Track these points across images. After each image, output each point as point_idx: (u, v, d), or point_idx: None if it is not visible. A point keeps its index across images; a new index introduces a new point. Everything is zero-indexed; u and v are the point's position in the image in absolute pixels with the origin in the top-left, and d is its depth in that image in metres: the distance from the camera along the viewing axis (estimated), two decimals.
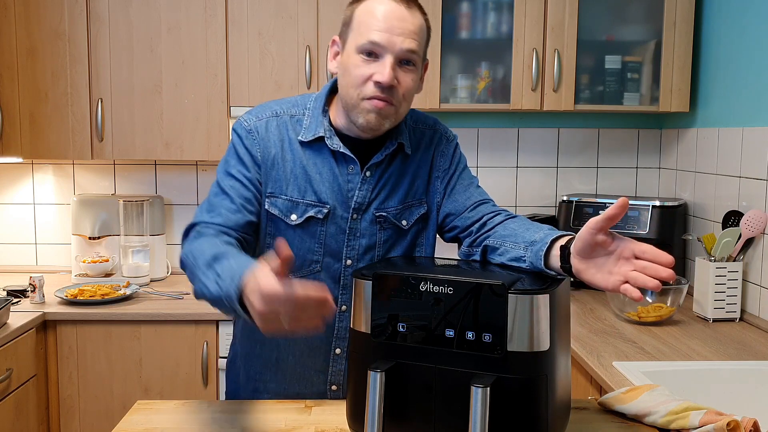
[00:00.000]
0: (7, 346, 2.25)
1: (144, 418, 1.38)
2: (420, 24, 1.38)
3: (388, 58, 1.34)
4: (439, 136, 1.56)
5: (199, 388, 2.57)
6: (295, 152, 1.46)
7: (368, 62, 1.36)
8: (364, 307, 1.22)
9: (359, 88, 1.37)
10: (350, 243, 1.48)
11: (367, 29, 1.35)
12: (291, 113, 1.48)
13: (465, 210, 1.50)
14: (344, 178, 1.46)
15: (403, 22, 1.35)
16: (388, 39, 1.34)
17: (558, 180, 3.15)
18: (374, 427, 1.15)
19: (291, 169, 1.45)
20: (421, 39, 1.39)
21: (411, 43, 1.35)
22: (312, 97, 1.51)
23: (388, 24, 1.34)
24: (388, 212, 1.49)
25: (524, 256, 1.30)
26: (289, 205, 1.46)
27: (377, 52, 1.35)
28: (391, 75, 1.34)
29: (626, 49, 2.84)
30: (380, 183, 1.48)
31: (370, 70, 1.35)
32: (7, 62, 2.71)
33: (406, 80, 1.38)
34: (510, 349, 1.12)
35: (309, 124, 1.46)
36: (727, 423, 1.27)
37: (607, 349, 2.04)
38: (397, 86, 1.37)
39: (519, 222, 1.41)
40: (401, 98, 1.39)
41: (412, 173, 1.51)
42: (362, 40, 1.35)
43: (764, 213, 2.30)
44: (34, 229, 3.12)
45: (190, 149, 2.77)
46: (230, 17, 2.72)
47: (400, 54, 1.35)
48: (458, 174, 1.55)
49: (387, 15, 1.34)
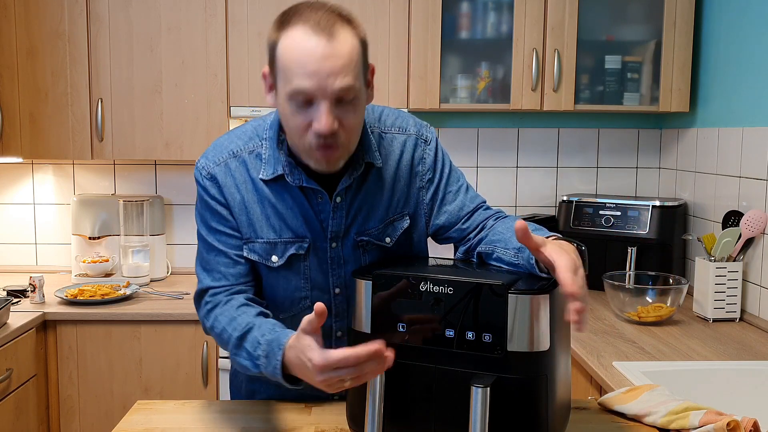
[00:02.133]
0: (7, 346, 2.25)
1: (144, 418, 1.38)
2: (350, 50, 1.20)
3: (323, 104, 1.20)
4: (414, 140, 1.43)
5: (199, 388, 2.57)
6: (260, 192, 1.37)
7: (303, 109, 1.22)
8: (364, 307, 1.22)
9: (301, 137, 1.24)
10: (335, 272, 1.41)
11: (293, 75, 1.19)
12: (249, 149, 1.38)
13: (459, 221, 1.44)
14: (315, 209, 1.37)
15: (330, 60, 1.18)
16: (318, 84, 1.18)
17: (558, 180, 3.15)
18: (374, 427, 1.15)
19: (261, 210, 1.37)
20: (355, 66, 1.22)
21: (344, 80, 1.19)
22: (267, 124, 1.39)
23: (314, 67, 1.17)
24: (370, 234, 1.40)
25: (517, 262, 1.28)
26: (267, 247, 1.38)
27: (309, 99, 1.20)
28: (330, 121, 1.20)
29: (626, 49, 2.84)
30: (354, 206, 1.38)
31: (307, 118, 1.22)
32: (7, 62, 2.71)
33: (349, 117, 1.23)
34: (510, 349, 1.12)
35: (268, 157, 1.36)
36: (727, 423, 1.27)
37: (607, 349, 2.04)
38: (340, 129, 1.23)
39: (505, 224, 1.36)
40: (347, 138, 1.26)
41: (389, 187, 1.40)
42: (290, 88, 1.20)
43: (764, 213, 2.30)
44: (34, 229, 3.12)
45: (190, 149, 2.77)
46: (230, 17, 2.72)
47: (334, 95, 1.19)
48: (445, 181, 1.45)
49: (309, 56, 1.18)
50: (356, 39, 1.23)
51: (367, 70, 1.30)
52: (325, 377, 1.09)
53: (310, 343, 1.11)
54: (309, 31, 1.19)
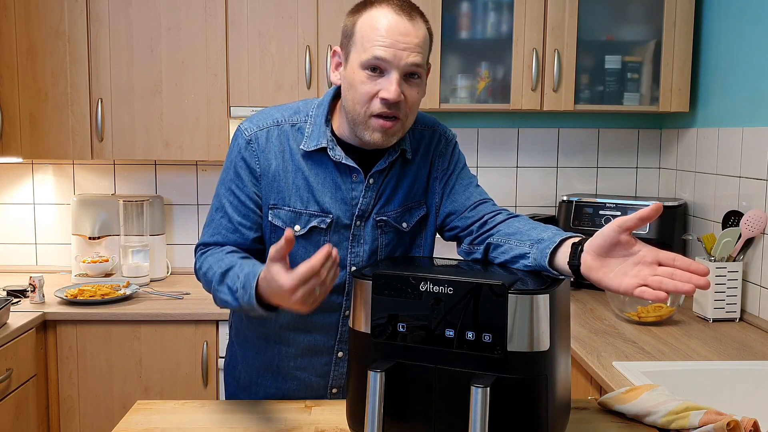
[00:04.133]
0: (7, 346, 2.25)
1: (144, 418, 1.38)
2: (423, 35, 1.35)
3: (394, 74, 1.32)
4: (438, 136, 1.55)
5: (199, 388, 2.57)
6: (296, 163, 1.44)
7: (373, 78, 1.33)
8: (364, 307, 1.22)
9: (366, 104, 1.35)
10: (354, 250, 1.48)
11: (371, 44, 1.32)
12: (292, 121, 1.46)
13: (465, 210, 1.49)
14: (347, 186, 1.45)
15: (408, 36, 1.32)
16: (393, 54, 1.31)
17: (558, 180, 3.15)
18: (374, 427, 1.15)
19: (293, 180, 1.44)
20: (425, 50, 1.36)
21: (416, 57, 1.33)
22: (314, 104, 1.49)
23: (392, 39, 1.31)
24: (389, 216, 1.48)
25: (528, 253, 1.29)
26: (292, 216, 1.45)
27: (382, 68, 1.32)
28: (398, 91, 1.32)
29: (626, 49, 2.84)
30: (381, 188, 1.47)
31: (377, 86, 1.33)
32: (7, 62, 2.71)
33: (412, 93, 1.36)
34: (510, 349, 1.12)
35: (311, 132, 1.44)
36: (727, 423, 1.27)
37: (607, 349, 2.04)
38: (404, 101, 1.34)
39: (524, 221, 1.41)
40: (408, 112, 1.37)
41: (412, 176, 1.50)
42: (366, 56, 1.32)
43: (764, 213, 2.30)
44: (34, 229, 3.12)
45: (190, 149, 2.77)
46: (230, 17, 2.72)
47: (405, 69, 1.33)
48: (457, 174, 1.54)
49: (391, 29, 1.31)
50: (428, 30, 1.38)
51: (428, 66, 1.41)
52: (299, 295, 1.14)
53: (278, 269, 1.16)
54: (392, 10, 1.33)
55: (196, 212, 3.14)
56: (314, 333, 1.51)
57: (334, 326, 1.50)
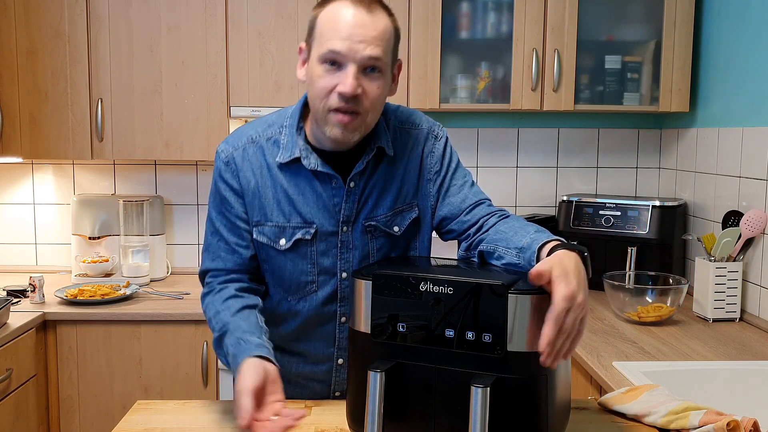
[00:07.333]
0: (7, 346, 2.25)
1: (144, 418, 1.38)
2: (384, 27, 1.32)
3: (351, 67, 1.29)
4: (425, 134, 1.50)
5: (199, 388, 2.57)
6: (274, 177, 1.43)
7: (331, 72, 1.31)
8: (364, 307, 1.22)
9: (324, 99, 1.32)
10: (343, 256, 1.46)
11: (328, 38, 1.30)
12: (267, 135, 1.45)
13: (461, 213, 1.47)
14: (328, 193, 1.43)
15: (364, 29, 1.29)
16: (349, 47, 1.29)
17: (558, 180, 3.15)
18: (374, 427, 1.15)
19: (273, 195, 1.43)
20: (386, 43, 1.32)
21: (374, 50, 1.29)
22: (288, 113, 1.47)
23: (348, 32, 1.29)
24: (378, 220, 1.46)
25: (519, 263, 1.29)
26: (276, 231, 1.44)
27: (339, 61, 1.30)
28: (354, 84, 1.29)
29: (626, 49, 2.84)
30: (366, 191, 1.44)
31: (334, 80, 1.31)
32: (7, 62, 2.71)
33: (372, 88, 1.32)
34: (510, 349, 1.12)
35: (286, 143, 1.43)
36: (727, 423, 1.27)
37: (607, 349, 2.04)
38: (362, 95, 1.31)
39: (509, 224, 1.38)
40: (368, 107, 1.33)
41: (399, 177, 1.47)
42: (323, 50, 1.30)
43: (764, 213, 2.30)
44: (34, 229, 3.12)
45: (190, 149, 2.77)
46: (230, 17, 2.72)
47: (362, 62, 1.29)
48: (450, 174, 1.50)
49: (347, 22, 1.29)
50: (390, 23, 1.35)
51: (395, 63, 1.39)
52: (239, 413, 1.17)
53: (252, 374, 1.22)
54: (351, 3, 1.31)
55: (196, 212, 3.13)
56: (313, 342, 1.51)
57: (332, 334, 1.50)
